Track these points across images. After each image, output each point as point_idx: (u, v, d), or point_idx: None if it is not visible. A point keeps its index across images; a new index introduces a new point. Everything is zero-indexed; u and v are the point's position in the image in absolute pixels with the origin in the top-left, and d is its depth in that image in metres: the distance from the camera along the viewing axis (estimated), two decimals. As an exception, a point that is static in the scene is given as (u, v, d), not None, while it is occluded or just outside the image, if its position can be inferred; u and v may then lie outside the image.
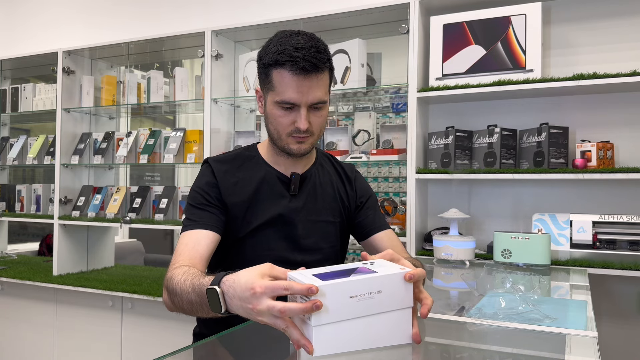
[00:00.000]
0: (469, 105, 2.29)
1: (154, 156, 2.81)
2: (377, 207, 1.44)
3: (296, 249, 1.29)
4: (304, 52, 1.14)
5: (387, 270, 0.82)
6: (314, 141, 1.26)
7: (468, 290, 1.48)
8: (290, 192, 1.31)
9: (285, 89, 1.16)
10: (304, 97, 1.17)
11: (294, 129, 1.20)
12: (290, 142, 1.23)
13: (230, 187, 1.28)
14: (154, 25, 3.08)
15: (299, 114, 1.18)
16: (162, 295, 1.15)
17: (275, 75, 1.17)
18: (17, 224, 4.34)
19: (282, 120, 1.20)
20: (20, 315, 2.96)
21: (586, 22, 2.11)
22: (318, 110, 1.21)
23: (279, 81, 1.17)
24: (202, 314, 0.98)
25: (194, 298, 0.98)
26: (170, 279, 1.09)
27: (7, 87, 3.31)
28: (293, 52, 1.14)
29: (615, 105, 2.06)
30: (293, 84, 1.15)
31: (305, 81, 1.15)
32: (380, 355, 0.84)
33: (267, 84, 1.21)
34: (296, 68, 1.14)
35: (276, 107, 1.20)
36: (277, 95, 1.18)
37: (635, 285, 2.00)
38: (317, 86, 1.17)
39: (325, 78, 1.20)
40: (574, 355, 0.90)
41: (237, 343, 0.96)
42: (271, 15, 2.57)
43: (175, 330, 2.48)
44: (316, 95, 1.18)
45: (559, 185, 2.12)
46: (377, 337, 0.81)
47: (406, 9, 2.15)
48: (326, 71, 1.20)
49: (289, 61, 1.14)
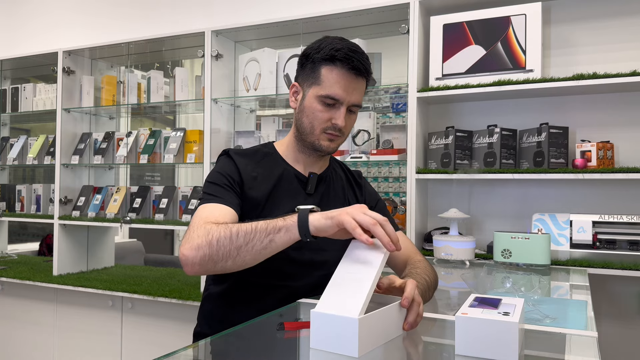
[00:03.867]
0: (469, 105, 2.29)
1: (154, 156, 2.81)
2: (386, 211, 1.46)
3: (306, 247, 1.29)
4: (358, 55, 1.23)
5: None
6: (341, 142, 1.32)
7: (468, 290, 1.48)
8: (307, 191, 1.33)
9: (333, 85, 1.23)
10: (348, 96, 1.24)
11: (329, 126, 1.26)
12: (322, 138, 1.28)
13: (250, 180, 1.28)
14: (154, 25, 3.09)
15: (339, 111, 1.24)
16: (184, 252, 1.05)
17: (325, 70, 1.24)
18: (17, 224, 4.34)
19: (321, 115, 1.25)
20: (20, 315, 2.96)
21: (586, 22, 2.11)
22: (353, 113, 1.29)
23: (327, 76, 1.23)
24: (261, 236, 1.02)
25: (261, 222, 1.03)
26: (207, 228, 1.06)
27: (7, 87, 3.31)
28: (349, 53, 1.22)
29: (615, 105, 2.06)
30: (342, 81, 1.23)
31: (353, 82, 1.24)
32: (381, 355, 0.85)
33: (313, 78, 1.26)
34: (350, 67, 1.22)
35: (317, 101, 1.25)
36: (323, 89, 1.24)
37: (635, 285, 2.00)
38: (360, 90, 1.26)
39: (364, 85, 1.29)
40: (574, 355, 0.90)
41: (237, 343, 0.96)
42: (271, 15, 2.57)
43: (175, 330, 2.48)
44: (357, 98, 1.26)
45: (559, 185, 2.12)
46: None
47: (406, 9, 2.15)
48: (366, 80, 1.28)
49: (346, 59, 1.22)
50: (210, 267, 1.05)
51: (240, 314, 1.23)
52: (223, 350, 0.96)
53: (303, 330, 0.97)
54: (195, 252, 1.04)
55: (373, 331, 0.83)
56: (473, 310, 0.83)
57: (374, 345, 0.84)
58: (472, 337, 0.79)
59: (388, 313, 0.88)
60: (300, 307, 1.19)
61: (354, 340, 0.79)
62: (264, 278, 1.27)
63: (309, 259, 1.29)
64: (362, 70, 1.23)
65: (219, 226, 1.05)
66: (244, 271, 1.14)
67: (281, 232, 1.01)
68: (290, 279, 1.28)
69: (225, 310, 1.31)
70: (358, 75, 1.24)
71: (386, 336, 0.88)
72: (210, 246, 1.03)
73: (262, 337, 1.00)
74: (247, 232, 1.02)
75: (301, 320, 1.09)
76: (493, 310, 0.83)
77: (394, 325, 0.91)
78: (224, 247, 1.02)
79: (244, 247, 1.02)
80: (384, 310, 0.87)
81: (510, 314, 0.80)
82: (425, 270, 1.21)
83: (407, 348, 0.92)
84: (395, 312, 0.91)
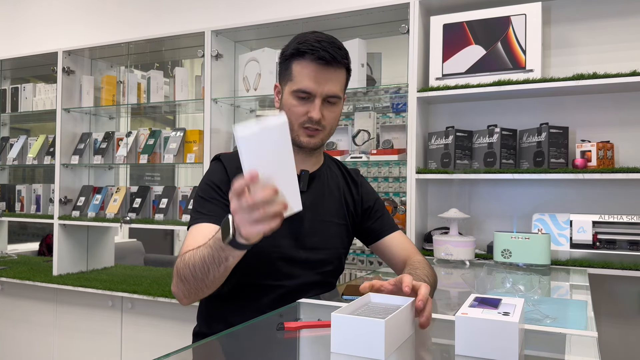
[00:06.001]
0: (469, 105, 2.28)
1: (154, 156, 2.81)
2: (384, 209, 1.45)
3: (301, 246, 1.30)
4: (324, 44, 1.20)
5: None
6: (324, 137, 1.28)
7: (468, 290, 1.48)
8: (299, 189, 1.31)
9: (303, 78, 1.21)
10: (320, 87, 1.21)
11: (306, 119, 1.23)
12: (302, 134, 1.26)
13: None
14: (154, 25, 3.08)
15: (314, 104, 1.22)
16: (172, 289, 1.13)
17: (295, 65, 1.23)
18: (17, 224, 4.34)
19: (296, 109, 1.24)
20: (20, 315, 2.96)
21: (586, 22, 2.11)
22: (332, 105, 1.25)
23: (298, 71, 1.22)
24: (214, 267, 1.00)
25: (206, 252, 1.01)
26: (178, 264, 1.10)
27: (7, 87, 3.31)
28: (314, 43, 1.20)
29: (615, 105, 2.06)
30: (311, 73, 1.21)
31: (323, 72, 1.21)
32: (393, 357, 0.84)
33: (287, 76, 1.25)
34: (316, 57, 1.20)
35: (292, 97, 1.24)
36: (295, 84, 1.23)
37: (635, 285, 2.00)
38: (334, 80, 1.23)
39: (342, 75, 1.25)
40: (574, 355, 0.90)
41: (237, 343, 0.96)
42: (271, 15, 2.57)
43: (175, 330, 2.48)
44: (332, 89, 1.22)
45: (559, 185, 2.12)
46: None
47: (406, 9, 2.15)
48: (343, 69, 1.25)
49: (310, 50, 1.20)
50: (195, 296, 1.11)
51: (238, 314, 1.23)
52: (223, 350, 0.95)
53: (303, 331, 0.97)
54: (177, 289, 1.11)
55: (394, 332, 0.83)
56: (473, 310, 0.83)
57: (395, 346, 0.84)
58: (472, 337, 0.79)
59: (404, 314, 0.89)
60: (300, 307, 1.19)
61: (380, 343, 0.78)
62: (261, 278, 1.27)
63: (305, 258, 1.29)
64: (330, 60, 1.20)
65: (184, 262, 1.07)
66: (241, 273, 1.14)
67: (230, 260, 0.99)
68: (287, 278, 1.28)
69: (223, 311, 1.31)
70: (328, 65, 1.21)
71: (402, 337, 0.88)
72: (183, 283, 1.08)
73: (262, 337, 1.00)
74: (201, 266, 1.03)
75: (301, 320, 1.09)
76: (493, 310, 0.83)
77: (408, 325, 0.91)
78: (192, 282, 1.06)
79: (206, 279, 1.04)
80: (401, 312, 0.87)
81: (510, 314, 0.80)
82: (425, 271, 1.21)
83: (408, 348, 0.92)
84: (409, 313, 0.92)
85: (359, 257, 2.68)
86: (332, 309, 0.92)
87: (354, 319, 0.81)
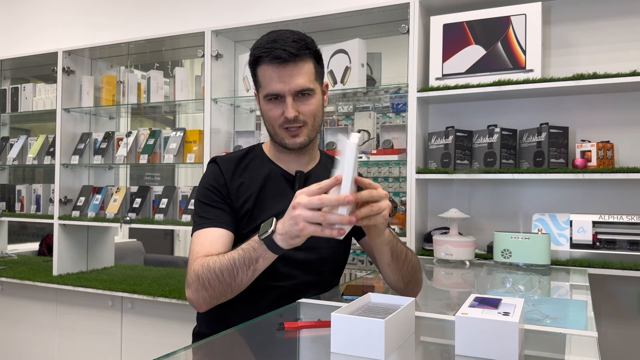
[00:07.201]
0: (469, 105, 2.28)
1: (154, 156, 2.81)
2: None
3: (300, 247, 1.29)
4: (279, 43, 1.19)
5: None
6: (309, 132, 1.27)
7: (468, 290, 1.48)
8: (295, 190, 1.31)
9: (269, 82, 1.21)
10: (286, 85, 1.20)
11: (283, 120, 1.23)
12: (284, 135, 1.26)
13: (236, 187, 1.29)
14: (154, 25, 3.08)
15: (285, 103, 1.22)
16: (190, 296, 1.15)
17: (258, 71, 1.24)
18: (17, 224, 4.34)
19: (272, 113, 1.24)
20: (20, 315, 2.96)
21: (586, 22, 2.11)
22: (306, 98, 1.23)
23: (262, 76, 1.23)
24: (243, 270, 1.06)
25: (237, 255, 1.07)
26: (198, 271, 1.12)
27: (7, 87, 3.31)
28: (267, 45, 1.20)
29: (615, 105, 2.06)
30: (274, 75, 1.20)
31: (285, 70, 1.19)
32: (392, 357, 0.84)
33: (257, 83, 1.27)
34: (272, 58, 1.18)
35: (265, 102, 1.25)
36: (264, 89, 1.24)
37: (635, 285, 2.00)
38: (299, 74, 1.20)
39: (307, 66, 1.22)
40: (574, 355, 0.90)
41: (237, 343, 0.96)
42: (271, 15, 2.57)
43: (175, 330, 2.48)
44: (298, 83, 1.20)
45: (559, 185, 2.12)
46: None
47: (406, 9, 2.15)
48: (308, 60, 1.23)
49: (265, 53, 1.20)
50: (215, 302, 1.14)
51: (237, 314, 1.23)
52: (223, 350, 0.95)
53: (303, 331, 0.97)
54: (196, 295, 1.13)
55: (394, 332, 0.83)
56: (473, 310, 0.83)
57: (395, 346, 0.84)
58: (472, 337, 0.79)
59: (404, 314, 0.89)
60: (300, 307, 1.19)
61: (380, 343, 0.79)
62: (260, 279, 1.26)
63: (303, 259, 1.29)
64: (287, 57, 1.18)
65: (207, 267, 1.11)
66: None
67: (260, 261, 1.06)
68: (286, 278, 1.28)
69: (222, 311, 1.30)
70: (287, 62, 1.18)
71: (402, 337, 0.88)
72: (206, 289, 1.11)
73: (262, 337, 1.00)
74: (229, 269, 1.07)
75: (301, 320, 1.09)
76: (493, 310, 0.83)
77: (408, 325, 0.91)
78: (217, 287, 1.10)
79: (233, 282, 1.09)
80: (401, 312, 0.87)
81: (510, 314, 0.80)
82: (406, 248, 1.23)
83: (408, 348, 0.92)
84: (409, 313, 0.92)
85: (359, 257, 2.68)
86: (332, 309, 0.92)
87: (354, 319, 0.81)
